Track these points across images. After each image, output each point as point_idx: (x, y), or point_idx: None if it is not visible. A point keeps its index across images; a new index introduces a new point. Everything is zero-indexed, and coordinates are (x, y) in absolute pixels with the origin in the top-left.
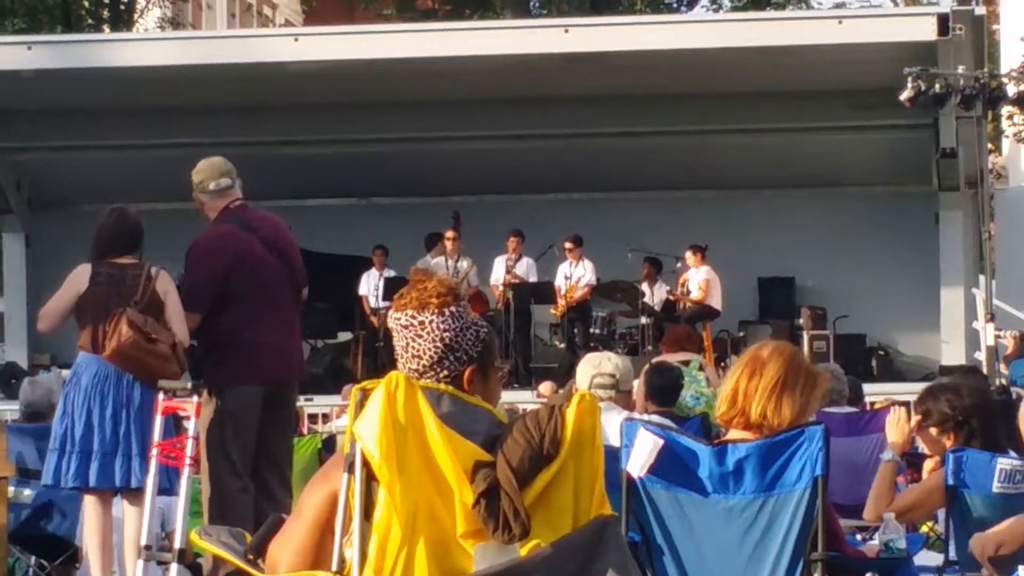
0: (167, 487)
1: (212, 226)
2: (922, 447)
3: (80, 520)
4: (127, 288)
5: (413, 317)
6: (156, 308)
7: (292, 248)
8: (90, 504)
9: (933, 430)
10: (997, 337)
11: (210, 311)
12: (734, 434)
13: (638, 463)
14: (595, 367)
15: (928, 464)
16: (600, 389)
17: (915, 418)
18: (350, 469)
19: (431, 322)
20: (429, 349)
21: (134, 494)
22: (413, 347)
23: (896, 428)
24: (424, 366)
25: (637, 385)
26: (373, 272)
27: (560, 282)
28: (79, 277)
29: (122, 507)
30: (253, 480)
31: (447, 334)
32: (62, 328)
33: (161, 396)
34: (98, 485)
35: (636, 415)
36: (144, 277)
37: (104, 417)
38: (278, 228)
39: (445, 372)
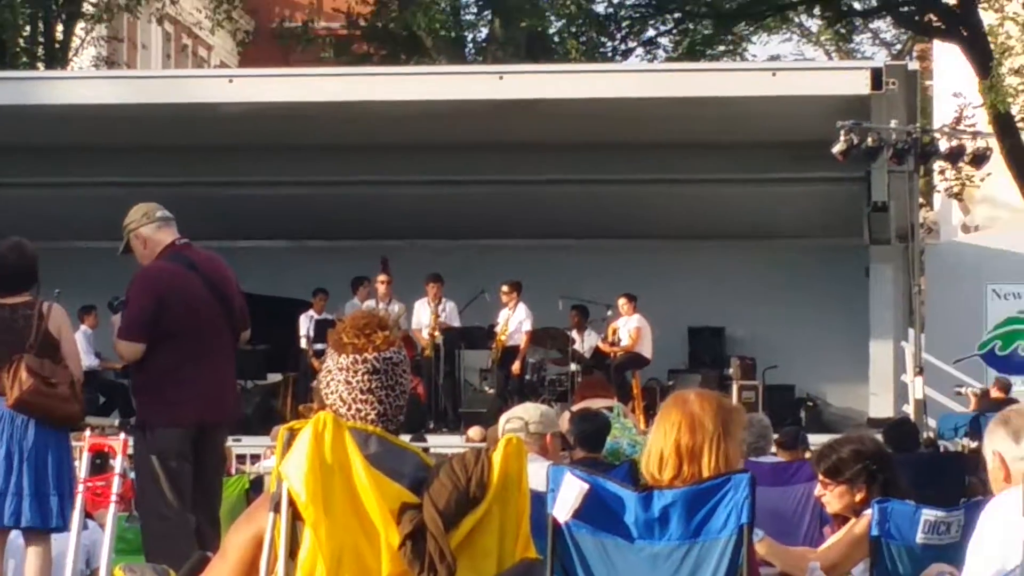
0: (60, 525)
1: (158, 260)
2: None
3: None
4: (20, 330)
5: (388, 361)
6: (51, 347)
7: (233, 290)
8: None
9: (841, 487)
10: (958, 392)
11: (148, 345)
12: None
13: (564, 507)
14: (509, 413)
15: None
16: (510, 433)
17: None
18: (276, 508)
19: (402, 362)
20: (405, 388)
21: (32, 533)
22: (398, 388)
23: None
24: (399, 407)
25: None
26: (312, 314)
27: (501, 327)
28: None
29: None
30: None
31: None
32: None
33: (88, 433)
34: None
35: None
36: (36, 317)
37: None
38: (221, 269)
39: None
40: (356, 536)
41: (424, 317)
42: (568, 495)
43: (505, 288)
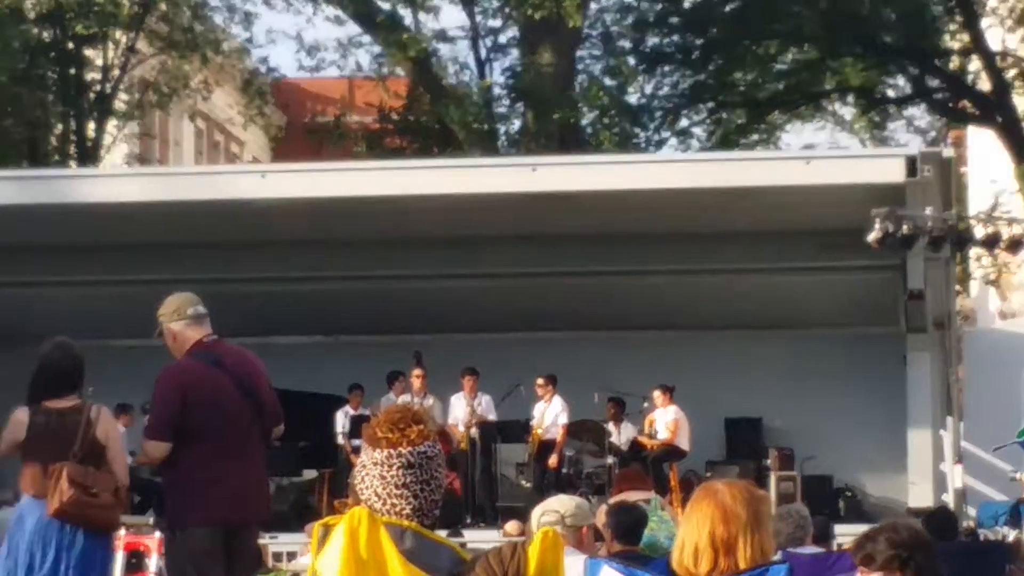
0: None
1: (183, 358)
2: None
3: None
4: (66, 437)
5: (423, 455)
6: (97, 453)
7: (262, 385)
8: None
9: (876, 574)
10: (1013, 479)
11: (174, 444)
12: None
13: None
14: (543, 506)
15: None
16: (546, 526)
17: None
18: None
19: (437, 456)
20: (441, 482)
21: None
22: (434, 482)
23: None
24: (434, 501)
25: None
26: (348, 410)
27: (537, 420)
28: (17, 426)
29: None
30: None
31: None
32: None
33: (123, 531)
34: None
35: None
36: (84, 422)
37: (45, 562)
38: (249, 364)
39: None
40: None
41: (460, 411)
42: None
43: (540, 381)
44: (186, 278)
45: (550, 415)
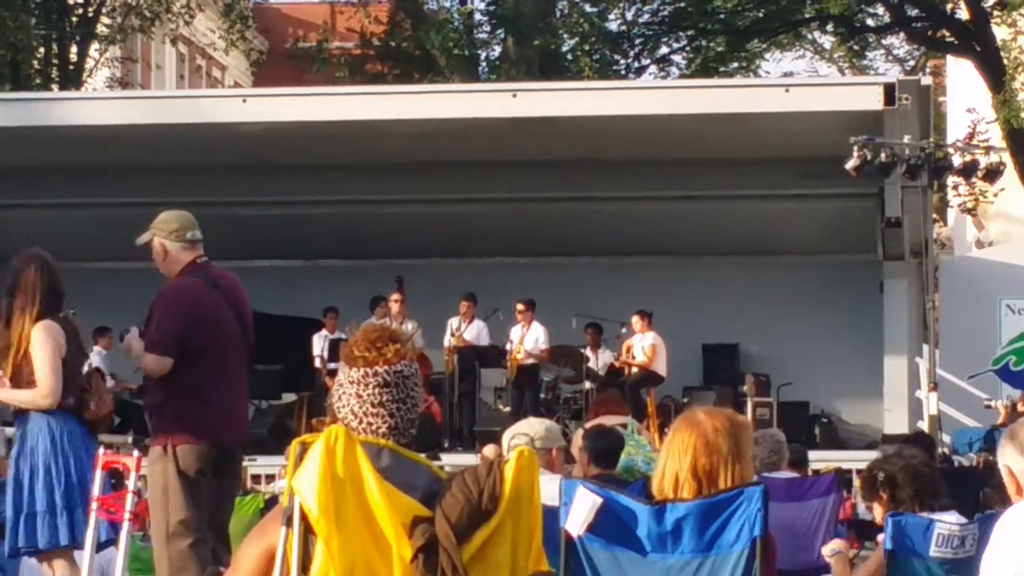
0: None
1: (180, 277)
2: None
3: None
4: (80, 345)
5: (400, 374)
6: None
7: (247, 308)
8: (63, 564)
9: (878, 500)
10: (987, 406)
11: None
12: None
13: (577, 521)
14: (513, 429)
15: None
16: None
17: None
18: (288, 523)
19: (414, 375)
20: (417, 401)
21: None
22: (410, 401)
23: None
24: (411, 420)
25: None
26: (325, 333)
27: (515, 345)
28: (55, 338)
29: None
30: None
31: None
32: None
33: (101, 451)
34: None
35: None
36: (79, 331)
37: (83, 474)
38: (237, 287)
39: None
40: (368, 550)
41: (450, 334)
42: (581, 509)
43: (520, 306)
44: (166, 201)
45: (529, 340)
